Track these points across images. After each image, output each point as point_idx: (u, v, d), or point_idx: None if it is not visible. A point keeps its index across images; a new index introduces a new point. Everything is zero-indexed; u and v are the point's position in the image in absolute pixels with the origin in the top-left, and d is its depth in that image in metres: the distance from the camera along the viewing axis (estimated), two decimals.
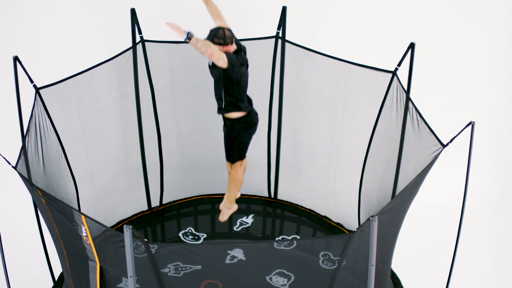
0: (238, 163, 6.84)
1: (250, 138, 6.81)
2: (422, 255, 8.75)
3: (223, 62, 6.22)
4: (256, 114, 6.80)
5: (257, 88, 7.92)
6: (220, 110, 6.66)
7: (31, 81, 6.46)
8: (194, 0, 8.89)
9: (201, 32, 7.67)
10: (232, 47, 6.39)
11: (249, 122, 6.67)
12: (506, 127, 9.76)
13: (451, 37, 9.39)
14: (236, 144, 6.72)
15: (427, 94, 8.96)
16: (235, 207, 7.12)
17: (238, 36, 7.74)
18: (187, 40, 5.93)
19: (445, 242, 7.65)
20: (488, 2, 9.30)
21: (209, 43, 6.14)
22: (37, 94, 6.56)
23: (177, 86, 7.91)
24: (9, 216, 8.82)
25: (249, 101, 6.75)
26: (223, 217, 7.16)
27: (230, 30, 6.37)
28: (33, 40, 8.99)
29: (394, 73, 6.93)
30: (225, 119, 6.72)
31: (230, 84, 6.45)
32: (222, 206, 7.20)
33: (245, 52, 6.61)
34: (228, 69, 6.31)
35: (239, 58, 6.40)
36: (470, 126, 5.92)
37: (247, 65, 6.60)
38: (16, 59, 6.10)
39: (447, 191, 9.21)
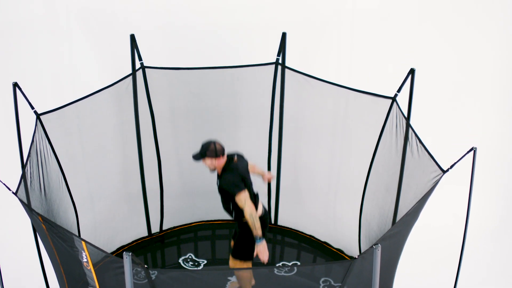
0: (247, 263, 6.87)
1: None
2: (424, 279, 8.71)
3: (242, 198, 6.47)
4: (267, 212, 6.93)
5: (257, 114, 7.96)
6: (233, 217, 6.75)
7: (32, 107, 6.47)
8: (194, 26, 8.97)
9: (202, 58, 7.75)
10: (223, 159, 6.55)
11: (263, 224, 6.69)
12: (508, 153, 9.75)
13: (452, 63, 9.42)
14: (247, 244, 6.76)
15: (427, 119, 8.97)
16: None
17: (238, 63, 7.78)
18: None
19: (447, 268, 7.61)
20: (489, 27, 9.34)
21: (246, 215, 6.43)
22: (37, 120, 6.57)
23: (177, 112, 7.92)
24: (8, 242, 8.78)
25: (255, 196, 6.80)
26: None
27: (220, 144, 6.57)
28: (33, 66, 9.01)
29: (393, 99, 6.95)
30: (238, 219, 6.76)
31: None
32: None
33: (241, 156, 6.79)
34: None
35: (240, 176, 6.56)
36: (472, 151, 5.92)
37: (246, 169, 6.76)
38: (15, 85, 6.12)
39: (449, 216, 9.19)
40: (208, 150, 6.49)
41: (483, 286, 8.79)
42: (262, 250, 6.34)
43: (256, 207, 6.63)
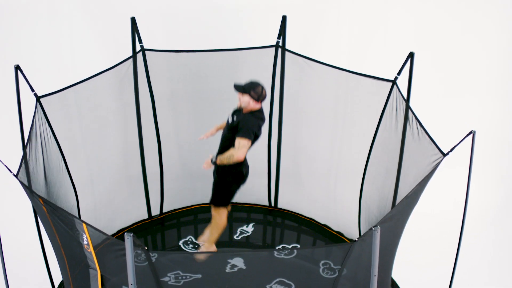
0: (223, 209, 6.87)
1: (238, 189, 6.94)
2: (423, 263, 8.74)
3: (249, 144, 6.54)
4: (248, 167, 6.93)
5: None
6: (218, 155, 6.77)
7: (32, 90, 6.47)
8: (194, 9, 8.95)
9: (202, 41, 7.73)
10: (258, 106, 6.54)
11: (241, 176, 6.76)
12: (507, 136, 9.76)
13: (451, 46, 9.41)
14: (224, 192, 6.84)
15: (427, 103, 8.97)
16: (213, 248, 7.13)
17: (239, 45, 7.77)
18: (213, 164, 6.54)
19: (446, 250, 7.64)
20: (488, 11, 9.33)
21: (229, 154, 6.51)
22: (38, 103, 6.57)
23: (178, 94, 7.92)
24: (9, 225, 8.80)
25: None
26: (201, 256, 7.07)
27: (266, 92, 6.57)
28: (34, 49, 9.01)
29: (393, 82, 6.94)
30: (217, 166, 6.80)
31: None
32: (201, 242, 7.20)
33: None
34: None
35: (260, 125, 6.59)
36: (471, 135, 5.92)
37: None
38: (17, 68, 6.12)
39: (448, 199, 9.21)
40: (254, 90, 6.41)
41: (482, 270, 8.83)
42: (207, 163, 6.63)
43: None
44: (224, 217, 7.06)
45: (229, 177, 6.82)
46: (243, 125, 6.46)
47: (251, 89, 6.42)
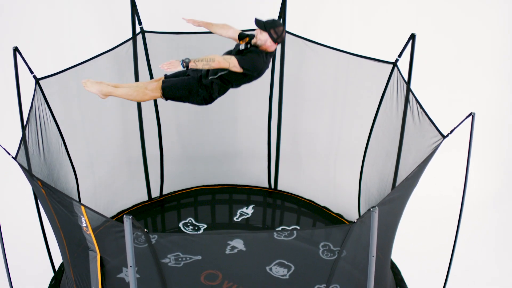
0: (157, 89, 6.14)
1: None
2: (422, 246, 8.76)
3: (236, 69, 5.93)
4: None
5: (258, 80, 7.92)
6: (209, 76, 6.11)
7: (31, 72, 6.45)
8: None
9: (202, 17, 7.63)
10: (273, 48, 6.07)
11: (210, 95, 6.22)
12: (507, 119, 9.75)
13: (452, 29, 9.38)
14: (182, 85, 6.14)
15: (427, 85, 8.95)
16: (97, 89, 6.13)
17: (239, 27, 7.73)
18: (185, 68, 5.72)
19: (445, 233, 7.66)
20: None
21: (210, 57, 5.83)
22: (37, 85, 6.56)
23: None
24: (9, 207, 8.82)
25: None
26: (88, 85, 6.10)
27: (285, 36, 6.10)
28: (33, 31, 8.98)
29: (394, 64, 6.93)
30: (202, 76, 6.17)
31: (240, 76, 6.08)
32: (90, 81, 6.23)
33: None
34: (245, 72, 6.02)
35: (263, 69, 6.10)
36: (471, 117, 5.91)
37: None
38: (16, 50, 6.10)
39: (447, 182, 9.22)
40: (275, 29, 5.94)
41: (481, 252, 8.84)
42: (173, 63, 5.69)
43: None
44: (149, 94, 6.13)
45: (202, 90, 6.17)
46: (248, 56, 5.97)
47: (272, 27, 5.95)
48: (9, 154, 5.55)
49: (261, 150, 8.23)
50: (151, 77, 7.65)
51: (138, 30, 7.40)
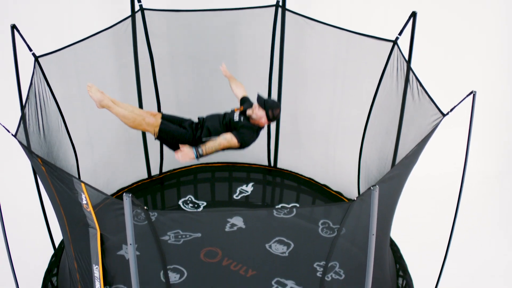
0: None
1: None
2: (422, 223, 8.79)
3: (235, 146, 6.25)
4: None
5: (257, 58, 7.92)
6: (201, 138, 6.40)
7: (30, 49, 6.43)
8: None
9: (202, 0, 7.64)
10: (265, 124, 6.38)
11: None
12: (508, 97, 9.74)
13: (454, 7, 9.35)
14: (178, 136, 6.40)
15: (428, 64, 8.93)
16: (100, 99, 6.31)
17: (238, 5, 7.71)
18: (198, 158, 6.17)
19: (444, 211, 7.68)
20: None
21: (217, 142, 6.18)
22: (36, 63, 6.54)
23: (177, 54, 7.88)
24: (9, 185, 8.84)
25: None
26: (92, 90, 6.31)
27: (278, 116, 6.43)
28: (31, 9, 8.94)
29: (395, 42, 6.91)
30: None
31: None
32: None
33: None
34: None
35: (255, 136, 6.39)
36: (472, 95, 5.90)
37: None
38: (14, 27, 6.08)
39: (448, 161, 9.23)
40: (273, 111, 6.26)
41: (480, 230, 8.87)
42: (187, 153, 6.12)
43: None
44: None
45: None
46: (244, 132, 6.26)
47: (271, 108, 6.27)
48: (9, 132, 5.55)
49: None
50: (150, 55, 7.63)
51: (137, 7, 7.37)
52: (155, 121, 6.30)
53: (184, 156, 6.10)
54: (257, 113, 6.27)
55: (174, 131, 6.32)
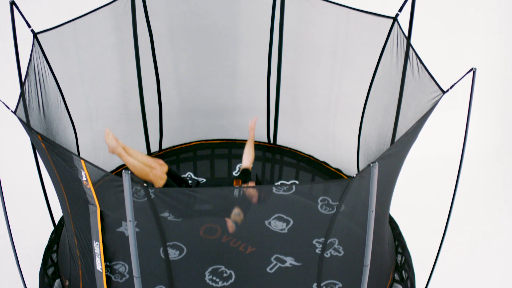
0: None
1: None
2: (421, 201, 8.80)
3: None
4: None
5: (257, 33, 7.89)
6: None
7: (29, 26, 6.41)
8: None
9: None
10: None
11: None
12: (508, 75, 9.72)
13: None
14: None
15: (428, 41, 8.90)
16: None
17: None
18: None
19: (443, 189, 7.68)
20: None
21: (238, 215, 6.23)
22: (35, 39, 6.52)
23: (176, 30, 7.85)
24: (9, 161, 8.84)
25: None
26: (109, 137, 6.51)
27: None
28: None
29: (395, 18, 6.88)
30: None
31: None
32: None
33: None
34: None
35: None
36: (472, 72, 5.88)
37: None
38: (12, 3, 6.05)
39: (447, 139, 9.22)
40: (254, 184, 6.48)
41: (479, 207, 8.89)
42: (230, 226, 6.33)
43: None
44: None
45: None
46: None
47: (250, 181, 6.60)
48: (9, 108, 5.54)
49: (260, 105, 8.22)
50: (150, 30, 7.60)
51: None
52: (162, 173, 6.43)
53: (231, 229, 6.27)
54: (251, 193, 6.27)
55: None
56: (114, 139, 6.37)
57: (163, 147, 8.27)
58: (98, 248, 5.64)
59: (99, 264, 5.71)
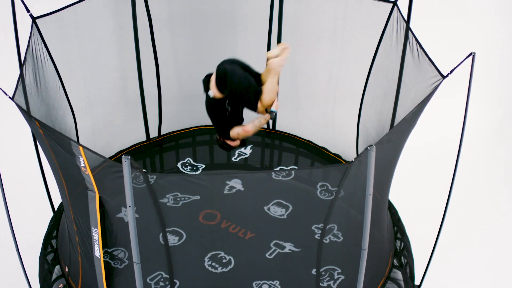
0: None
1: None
2: (420, 187, 8.81)
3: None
4: None
5: (256, 18, 7.86)
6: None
7: (28, 11, 6.39)
8: None
9: None
10: None
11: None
12: (507, 59, 9.70)
13: None
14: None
15: (427, 25, 8.87)
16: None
17: None
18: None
19: (443, 175, 7.68)
20: None
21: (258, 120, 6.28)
22: (33, 24, 6.50)
23: (175, 15, 7.82)
24: (8, 148, 8.83)
25: None
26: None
27: None
28: None
29: (394, 3, 6.86)
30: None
31: None
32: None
33: None
34: None
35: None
36: (471, 57, 5.87)
37: None
38: None
39: (447, 124, 9.22)
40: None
41: (478, 193, 8.90)
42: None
43: None
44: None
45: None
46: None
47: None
48: (6, 95, 5.52)
49: None
50: (149, 15, 7.57)
51: None
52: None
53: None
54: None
55: None
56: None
57: (162, 132, 8.27)
58: (96, 234, 5.65)
59: (98, 251, 5.71)
